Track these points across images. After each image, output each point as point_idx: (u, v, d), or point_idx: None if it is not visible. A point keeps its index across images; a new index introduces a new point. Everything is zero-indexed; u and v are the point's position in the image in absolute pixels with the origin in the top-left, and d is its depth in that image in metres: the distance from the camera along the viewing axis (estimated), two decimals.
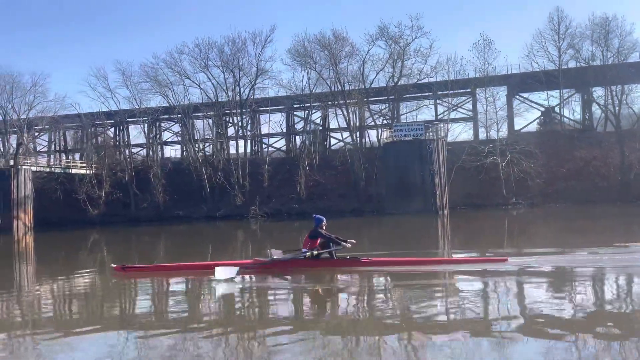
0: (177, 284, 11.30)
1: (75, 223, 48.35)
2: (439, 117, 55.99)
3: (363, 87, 52.52)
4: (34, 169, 51.84)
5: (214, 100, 55.49)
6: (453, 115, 57.43)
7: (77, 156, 64.18)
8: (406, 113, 56.83)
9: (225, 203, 51.46)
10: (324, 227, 11.66)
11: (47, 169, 54.31)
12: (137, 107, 56.23)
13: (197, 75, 55.51)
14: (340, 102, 52.72)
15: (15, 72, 63.30)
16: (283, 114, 60.21)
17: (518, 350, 5.73)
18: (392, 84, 52.61)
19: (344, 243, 11.41)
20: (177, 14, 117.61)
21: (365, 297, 9.22)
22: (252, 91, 55.15)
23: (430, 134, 46.51)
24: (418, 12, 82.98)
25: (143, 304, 9.64)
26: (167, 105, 56.03)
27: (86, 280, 12.61)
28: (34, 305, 9.72)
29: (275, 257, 11.67)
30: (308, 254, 11.37)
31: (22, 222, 47.35)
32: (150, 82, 55.02)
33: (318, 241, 11.55)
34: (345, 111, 52.93)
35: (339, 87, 52.28)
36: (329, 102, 55.26)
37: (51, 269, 16.80)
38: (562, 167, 49.49)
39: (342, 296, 9.54)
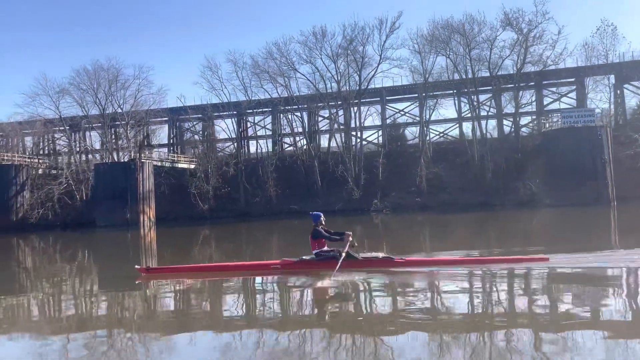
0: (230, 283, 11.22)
1: (184, 218, 47.60)
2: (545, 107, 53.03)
3: (489, 74, 49.53)
4: (154, 163, 51.34)
5: (327, 91, 53.61)
6: (556, 105, 53.87)
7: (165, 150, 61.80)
8: (528, 104, 52.98)
9: (340, 197, 49.72)
10: (323, 224, 11.17)
11: (160, 163, 53.15)
12: (247, 99, 55.17)
13: (309, 65, 54.18)
14: (471, 89, 49.95)
15: (120, 64, 62.96)
16: (377, 107, 57.36)
17: None
18: (515, 71, 49.19)
19: (340, 238, 10.89)
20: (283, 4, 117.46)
21: (396, 297, 8.96)
22: (369, 82, 53.20)
23: (599, 121, 44.26)
24: None
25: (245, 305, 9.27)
26: (267, 97, 54.69)
27: (197, 280, 11.69)
28: (147, 303, 9.79)
29: (304, 257, 11.08)
30: (337, 254, 10.69)
31: (147, 217, 46.70)
32: (261, 73, 54.15)
33: (323, 240, 11.05)
34: (476, 99, 49.92)
35: (471, 74, 49.52)
36: (438, 92, 52.49)
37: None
38: None
39: (374, 297, 9.16)
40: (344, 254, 10.54)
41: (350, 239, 10.80)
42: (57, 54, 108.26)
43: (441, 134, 57.53)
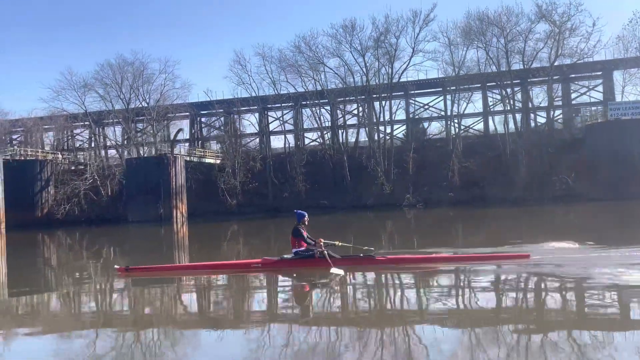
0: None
1: (211, 214, 46.67)
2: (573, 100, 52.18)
3: (522, 66, 48.62)
4: (186, 158, 51.07)
5: (355, 85, 52.84)
6: (584, 98, 53.17)
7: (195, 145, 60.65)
8: (558, 97, 51.96)
9: (371, 192, 49.08)
10: (306, 224, 11.35)
11: (189, 158, 52.42)
12: (275, 92, 54.53)
13: (336, 58, 53.76)
14: (506, 82, 48.99)
15: (146, 58, 63.23)
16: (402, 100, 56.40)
17: None
18: (549, 64, 48.00)
19: (314, 243, 10.95)
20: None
21: (377, 295, 9.00)
22: (400, 75, 52.44)
23: None
24: None
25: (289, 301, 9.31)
26: (294, 91, 54.37)
27: (223, 277, 11.77)
28: (173, 300, 9.69)
29: (285, 256, 11.30)
30: (318, 253, 10.83)
31: (179, 212, 46.30)
32: (288, 67, 53.78)
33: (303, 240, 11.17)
34: (511, 92, 49.15)
35: (505, 66, 48.59)
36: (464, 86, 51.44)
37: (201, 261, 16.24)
38: None
39: (355, 294, 9.23)
40: (325, 252, 10.76)
41: (322, 246, 10.95)
42: (82, 50, 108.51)
43: (466, 128, 56.13)
